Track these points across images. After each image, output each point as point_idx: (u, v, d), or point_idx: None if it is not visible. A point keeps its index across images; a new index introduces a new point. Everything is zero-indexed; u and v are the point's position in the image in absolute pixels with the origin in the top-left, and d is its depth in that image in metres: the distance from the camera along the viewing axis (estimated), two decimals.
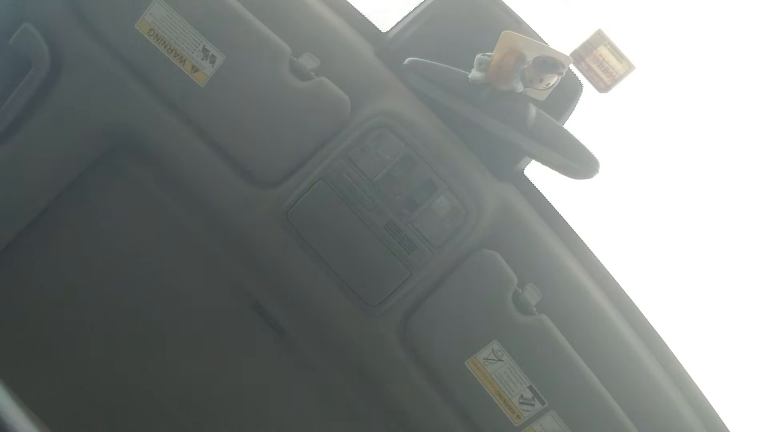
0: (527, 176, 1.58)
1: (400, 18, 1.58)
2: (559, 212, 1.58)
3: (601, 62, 1.42)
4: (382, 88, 1.49)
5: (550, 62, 1.31)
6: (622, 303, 1.55)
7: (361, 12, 1.59)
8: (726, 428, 1.55)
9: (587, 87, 1.49)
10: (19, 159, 1.52)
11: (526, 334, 1.43)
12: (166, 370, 1.63)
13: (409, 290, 1.45)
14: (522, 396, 1.44)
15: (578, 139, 1.40)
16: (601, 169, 1.39)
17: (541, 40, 1.45)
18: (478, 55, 1.36)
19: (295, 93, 1.43)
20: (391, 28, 1.58)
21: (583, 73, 1.44)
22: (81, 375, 1.62)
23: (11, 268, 1.60)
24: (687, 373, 1.57)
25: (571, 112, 1.53)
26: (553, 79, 1.33)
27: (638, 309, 1.57)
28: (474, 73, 1.37)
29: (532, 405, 1.44)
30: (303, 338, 1.57)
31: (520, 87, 1.34)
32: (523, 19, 1.51)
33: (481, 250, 1.46)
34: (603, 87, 1.44)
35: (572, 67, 1.40)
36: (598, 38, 1.44)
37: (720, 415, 1.56)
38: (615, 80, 1.43)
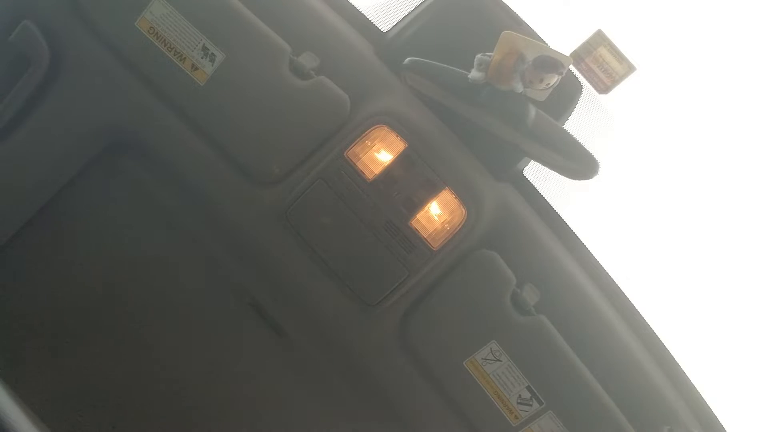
0: (526, 176, 1.58)
1: (400, 18, 1.58)
2: (558, 212, 1.58)
3: (601, 63, 1.42)
4: (382, 88, 1.49)
5: (550, 62, 1.31)
6: (620, 303, 1.56)
7: (362, 11, 1.59)
8: (722, 427, 1.56)
9: (587, 88, 1.49)
10: (17, 156, 1.52)
11: (525, 334, 1.43)
12: (166, 368, 1.63)
13: (408, 290, 1.46)
14: (520, 396, 1.44)
15: (577, 139, 1.40)
16: (600, 169, 1.39)
17: (541, 41, 1.44)
18: (478, 55, 1.36)
19: (295, 92, 1.43)
20: (391, 28, 1.58)
21: (583, 74, 1.44)
22: (80, 374, 1.62)
23: (10, 267, 1.60)
24: (684, 372, 1.57)
25: (571, 113, 1.53)
26: (553, 80, 1.33)
27: (636, 309, 1.57)
28: (474, 73, 1.36)
29: (530, 405, 1.44)
30: (302, 337, 1.57)
31: (519, 87, 1.34)
32: (523, 19, 1.51)
33: (479, 250, 1.46)
34: (603, 88, 1.44)
35: (572, 67, 1.40)
36: (598, 39, 1.44)
37: (716, 414, 1.56)
38: (615, 81, 1.44)
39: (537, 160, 1.48)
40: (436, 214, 1.44)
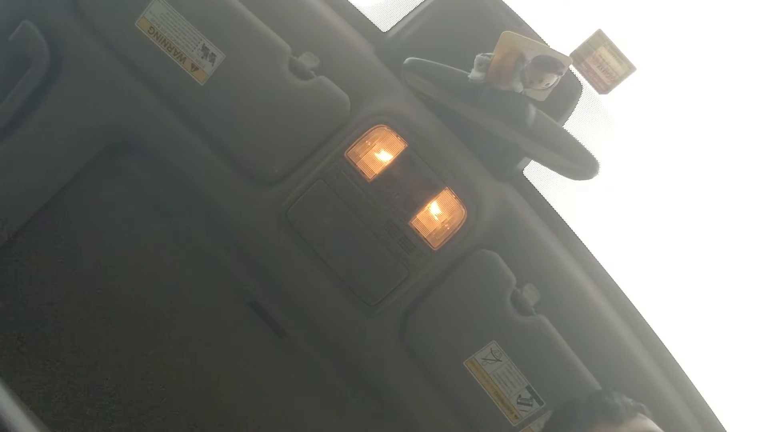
0: (526, 176, 1.58)
1: (400, 18, 1.57)
2: (558, 212, 1.58)
3: (601, 63, 1.42)
4: (382, 88, 1.49)
5: (549, 61, 1.30)
6: (620, 303, 1.56)
7: (361, 11, 1.58)
8: (722, 427, 1.56)
9: (587, 88, 1.49)
10: (17, 156, 1.52)
11: (525, 334, 1.43)
12: (165, 368, 1.63)
13: (408, 290, 1.46)
14: (520, 396, 1.44)
15: (577, 139, 1.40)
16: (600, 169, 1.39)
17: (541, 41, 1.44)
18: (478, 55, 1.36)
19: (295, 92, 1.43)
20: (391, 28, 1.57)
21: (583, 74, 1.44)
22: (80, 374, 1.62)
23: (10, 267, 1.60)
24: (684, 372, 1.57)
25: (571, 113, 1.52)
26: (553, 79, 1.33)
27: (636, 309, 1.57)
28: (474, 73, 1.36)
29: (530, 405, 1.44)
30: (302, 337, 1.57)
31: (519, 87, 1.34)
32: (523, 19, 1.51)
33: (479, 250, 1.46)
34: (603, 88, 1.43)
35: (572, 68, 1.39)
36: (598, 39, 1.44)
37: (716, 414, 1.56)
38: (615, 81, 1.43)
39: (537, 160, 1.48)
40: (436, 214, 1.44)
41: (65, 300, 1.61)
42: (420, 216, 1.42)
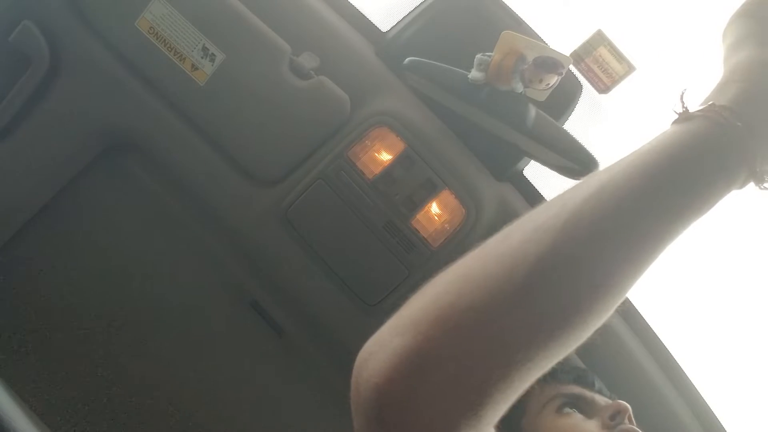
0: (526, 176, 1.58)
1: (400, 18, 1.57)
2: None
3: (600, 63, 1.42)
4: (382, 88, 1.49)
5: (549, 62, 1.30)
6: (620, 303, 1.55)
7: (362, 11, 1.58)
8: (722, 427, 1.56)
9: (587, 88, 1.49)
10: (17, 157, 1.52)
11: None
12: (165, 368, 1.63)
13: (408, 290, 1.44)
14: None
15: (577, 140, 1.40)
16: (599, 169, 1.39)
17: (541, 41, 1.44)
18: (478, 55, 1.36)
19: (295, 92, 1.43)
20: (392, 28, 1.57)
21: (583, 74, 1.44)
22: (80, 374, 1.62)
23: (10, 267, 1.60)
24: (684, 372, 1.57)
25: (571, 113, 1.52)
26: (553, 80, 1.33)
27: (636, 308, 1.57)
28: (474, 73, 1.36)
29: None
30: (302, 337, 1.57)
31: (519, 87, 1.34)
32: (523, 19, 1.51)
33: None
34: (603, 88, 1.43)
35: (572, 67, 1.39)
36: (598, 39, 1.44)
37: (717, 416, 1.56)
38: (615, 81, 1.43)
39: (537, 160, 1.48)
40: (436, 213, 1.44)
41: (64, 300, 1.61)
42: (420, 216, 1.42)
